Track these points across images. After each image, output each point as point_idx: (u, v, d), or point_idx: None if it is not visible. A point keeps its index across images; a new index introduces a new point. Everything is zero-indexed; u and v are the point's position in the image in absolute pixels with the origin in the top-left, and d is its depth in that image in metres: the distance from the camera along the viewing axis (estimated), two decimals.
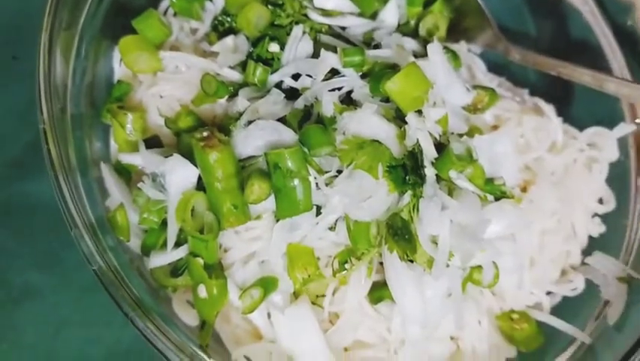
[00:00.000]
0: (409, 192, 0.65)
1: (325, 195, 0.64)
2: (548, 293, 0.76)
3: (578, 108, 0.86)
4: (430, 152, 0.66)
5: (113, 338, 0.77)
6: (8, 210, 0.82)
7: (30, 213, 0.81)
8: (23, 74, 0.81)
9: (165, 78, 0.74)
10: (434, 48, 0.71)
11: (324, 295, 0.68)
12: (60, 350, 0.76)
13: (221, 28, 0.78)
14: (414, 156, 0.65)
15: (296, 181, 0.62)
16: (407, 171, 0.65)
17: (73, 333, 0.77)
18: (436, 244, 0.64)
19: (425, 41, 0.80)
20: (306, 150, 0.63)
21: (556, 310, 0.76)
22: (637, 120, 0.80)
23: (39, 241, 0.80)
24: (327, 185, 0.64)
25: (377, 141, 0.65)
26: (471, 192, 0.68)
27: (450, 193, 0.67)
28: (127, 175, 0.71)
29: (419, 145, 0.65)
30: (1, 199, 0.81)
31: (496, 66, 0.87)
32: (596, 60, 0.84)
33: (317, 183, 0.64)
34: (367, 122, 0.66)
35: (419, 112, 0.67)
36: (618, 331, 0.70)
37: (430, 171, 0.65)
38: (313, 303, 0.68)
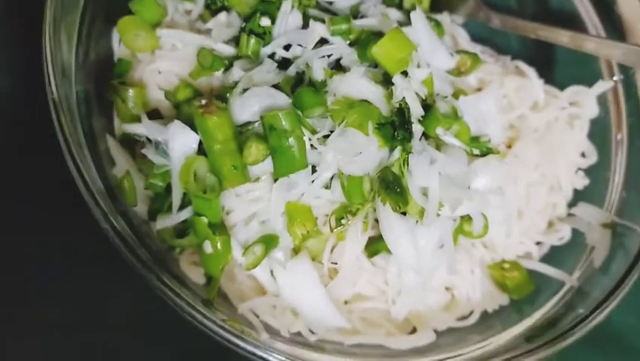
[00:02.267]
0: (399, 148, 0.68)
1: (319, 154, 0.67)
2: (537, 244, 0.80)
3: (559, 72, 0.89)
4: (416, 109, 0.69)
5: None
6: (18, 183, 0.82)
7: (40, 185, 0.81)
8: None
9: (163, 55, 0.77)
10: (417, 15, 0.75)
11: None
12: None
13: (214, 7, 0.81)
14: (402, 114, 0.69)
15: (291, 140, 0.66)
16: (396, 128, 0.69)
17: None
18: (427, 195, 0.68)
19: (409, 13, 0.84)
20: (299, 112, 0.67)
21: (545, 259, 0.80)
22: (614, 78, 0.84)
23: (48, 213, 0.81)
24: (320, 144, 0.67)
25: (366, 101, 0.69)
26: (457, 147, 0.72)
27: (438, 149, 0.71)
28: (132, 149, 0.74)
29: (405, 103, 0.69)
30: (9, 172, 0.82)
31: (479, 38, 0.90)
32: (573, 24, 0.88)
33: (311, 143, 0.68)
34: (356, 85, 0.69)
35: (405, 73, 0.71)
36: (604, 273, 0.73)
37: (417, 127, 0.69)
38: (313, 260, 0.71)
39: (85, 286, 0.79)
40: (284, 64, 0.75)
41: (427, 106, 0.72)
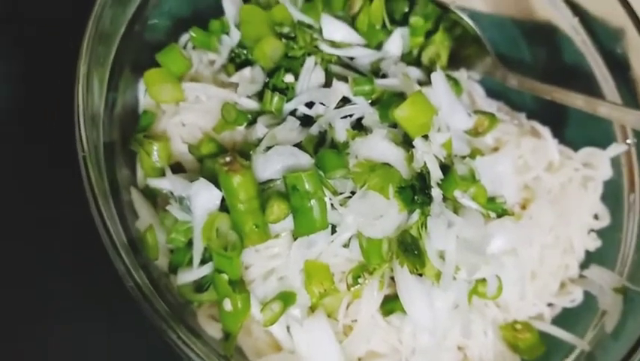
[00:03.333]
0: (418, 211, 0.70)
1: (340, 215, 0.68)
2: (549, 305, 0.81)
3: (573, 131, 0.91)
4: (436, 173, 0.71)
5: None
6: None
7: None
8: None
9: (187, 108, 0.78)
10: (437, 77, 0.77)
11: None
12: None
13: (238, 60, 0.83)
14: (422, 178, 0.70)
15: (313, 202, 0.67)
16: (415, 192, 0.70)
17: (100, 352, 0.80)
18: (444, 258, 0.69)
19: (428, 69, 0.86)
20: (321, 172, 0.68)
21: (556, 321, 0.80)
22: (628, 141, 0.85)
23: (62, 246, 0.82)
24: (341, 205, 0.68)
25: (387, 163, 0.70)
26: (475, 209, 0.73)
27: (455, 211, 0.72)
28: (153, 199, 0.76)
29: (426, 167, 0.70)
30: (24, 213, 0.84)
31: (494, 92, 0.92)
32: (588, 85, 0.89)
33: (332, 204, 0.69)
34: (378, 147, 0.71)
35: (425, 136, 0.72)
36: (615, 339, 0.74)
37: (436, 191, 0.70)
38: (329, 317, 0.72)
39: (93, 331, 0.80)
40: (306, 119, 0.77)
41: (445, 167, 0.74)
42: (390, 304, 0.72)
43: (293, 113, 0.78)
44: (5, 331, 0.79)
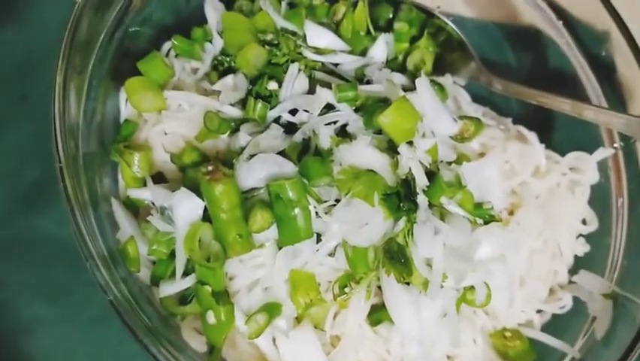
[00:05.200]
0: (404, 218, 0.69)
1: (325, 223, 0.67)
2: (538, 311, 0.80)
3: (559, 135, 0.90)
4: (421, 180, 0.70)
5: None
6: (15, 245, 0.84)
7: (37, 247, 0.83)
8: (30, 114, 0.87)
9: (169, 116, 0.77)
10: (422, 82, 0.76)
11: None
12: None
13: (221, 68, 0.82)
14: (407, 184, 0.69)
15: (297, 210, 0.66)
16: (401, 199, 0.69)
17: None
18: (431, 266, 0.67)
19: (413, 75, 0.85)
20: (305, 180, 0.67)
21: (546, 328, 0.79)
22: (615, 145, 0.85)
23: (47, 275, 0.82)
24: (326, 213, 0.67)
25: (372, 170, 0.69)
26: (461, 216, 0.72)
27: (442, 218, 0.71)
28: (134, 210, 0.74)
29: (411, 174, 0.69)
30: (9, 234, 0.84)
31: (480, 98, 0.91)
32: (573, 89, 0.88)
33: (317, 212, 0.68)
34: (362, 154, 0.70)
35: (410, 142, 0.71)
36: (605, 345, 0.73)
37: (422, 198, 0.69)
38: (315, 327, 0.71)
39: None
40: (290, 127, 0.76)
41: (431, 173, 0.73)
42: (378, 314, 0.71)
43: (277, 120, 0.77)
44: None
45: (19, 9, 0.93)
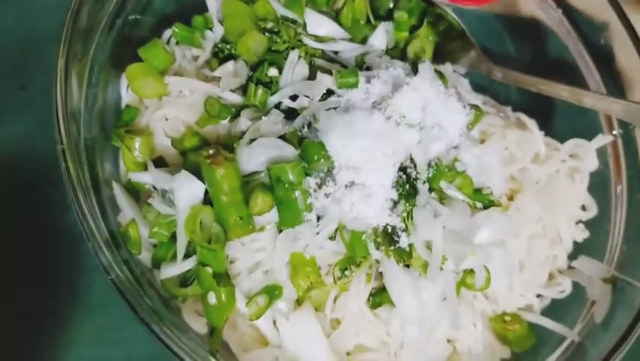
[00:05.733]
0: (403, 202, 0.69)
1: (324, 206, 0.68)
2: (538, 296, 0.80)
3: (559, 123, 0.90)
4: (422, 166, 0.70)
5: (124, 356, 0.79)
6: (18, 233, 0.84)
7: (39, 235, 0.84)
8: (31, 103, 0.87)
9: (170, 102, 0.78)
10: (425, 67, 0.76)
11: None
12: None
13: (222, 55, 0.82)
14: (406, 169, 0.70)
15: (297, 193, 0.66)
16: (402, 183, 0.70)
17: (84, 353, 0.79)
18: (430, 249, 0.68)
19: (413, 64, 0.86)
20: (305, 164, 0.68)
21: (546, 312, 0.79)
22: (614, 132, 0.85)
23: (48, 261, 0.83)
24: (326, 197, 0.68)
25: None
26: (461, 200, 0.73)
27: (441, 202, 0.72)
28: (136, 194, 0.75)
29: (411, 159, 0.70)
30: (11, 222, 0.84)
31: (480, 87, 0.91)
32: (573, 77, 0.89)
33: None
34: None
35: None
36: (605, 329, 0.73)
37: (422, 182, 0.70)
38: (316, 310, 0.71)
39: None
40: (290, 112, 0.77)
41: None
42: (378, 297, 0.71)
43: (277, 107, 0.77)
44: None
45: None
